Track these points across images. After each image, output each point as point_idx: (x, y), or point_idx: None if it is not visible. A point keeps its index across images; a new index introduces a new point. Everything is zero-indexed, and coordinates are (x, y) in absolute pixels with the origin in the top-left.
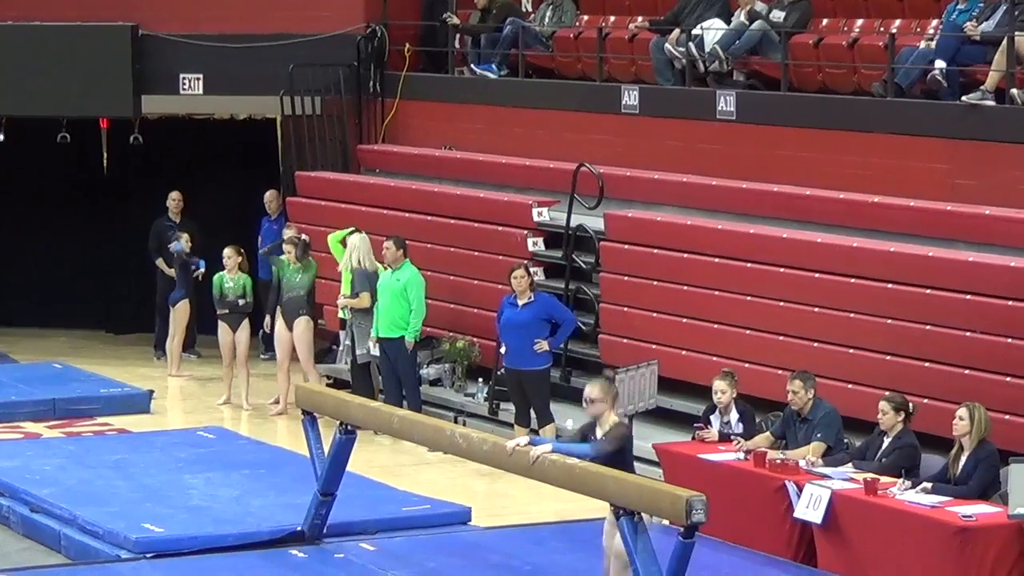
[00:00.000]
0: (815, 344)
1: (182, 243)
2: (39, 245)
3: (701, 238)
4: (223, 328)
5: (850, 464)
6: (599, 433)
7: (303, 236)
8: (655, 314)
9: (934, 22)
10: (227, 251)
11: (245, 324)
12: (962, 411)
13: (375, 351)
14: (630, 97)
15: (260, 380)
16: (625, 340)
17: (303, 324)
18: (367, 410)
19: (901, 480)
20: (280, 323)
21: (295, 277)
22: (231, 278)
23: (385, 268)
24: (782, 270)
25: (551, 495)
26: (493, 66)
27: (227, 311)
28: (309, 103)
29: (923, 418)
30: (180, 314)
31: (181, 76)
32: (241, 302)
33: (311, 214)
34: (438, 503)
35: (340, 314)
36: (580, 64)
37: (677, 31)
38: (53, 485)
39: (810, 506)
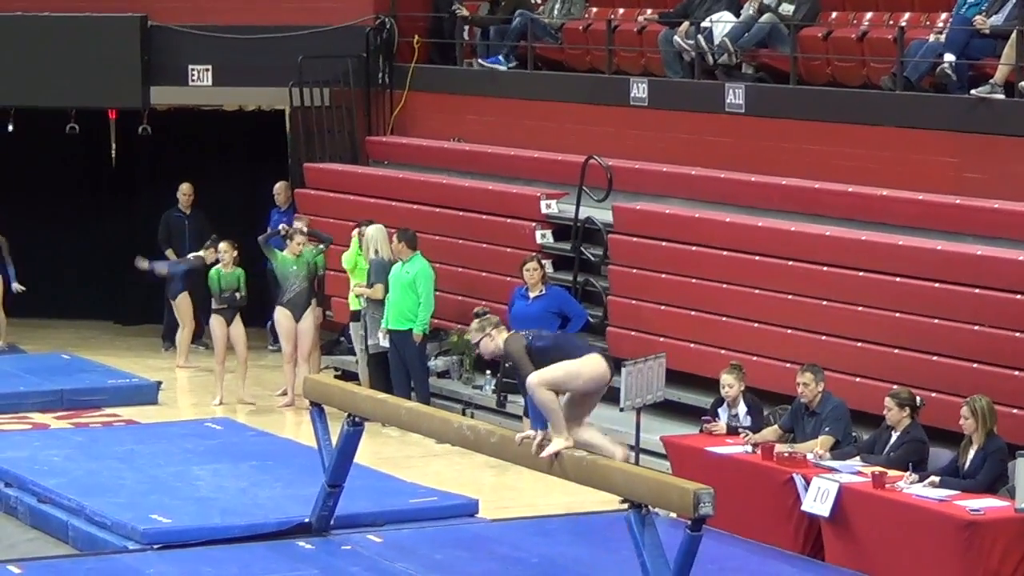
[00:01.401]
0: (823, 337)
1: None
2: (47, 236)
3: (709, 231)
4: (218, 322)
5: (858, 458)
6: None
7: (303, 228)
8: (663, 307)
9: (943, 15)
10: (223, 245)
11: (238, 319)
12: (964, 410)
13: (384, 342)
14: (639, 90)
15: (268, 372)
16: (633, 333)
17: (310, 317)
18: (375, 402)
19: (909, 473)
20: (287, 315)
21: (291, 270)
22: (226, 272)
23: (395, 260)
24: (790, 263)
25: (558, 487)
26: (502, 58)
27: (224, 305)
28: (318, 95)
29: (931, 412)
30: (183, 307)
31: (190, 67)
32: (237, 296)
33: (320, 206)
34: (445, 495)
35: (353, 304)
36: (589, 56)
37: (686, 23)
38: (61, 476)
39: (818, 499)
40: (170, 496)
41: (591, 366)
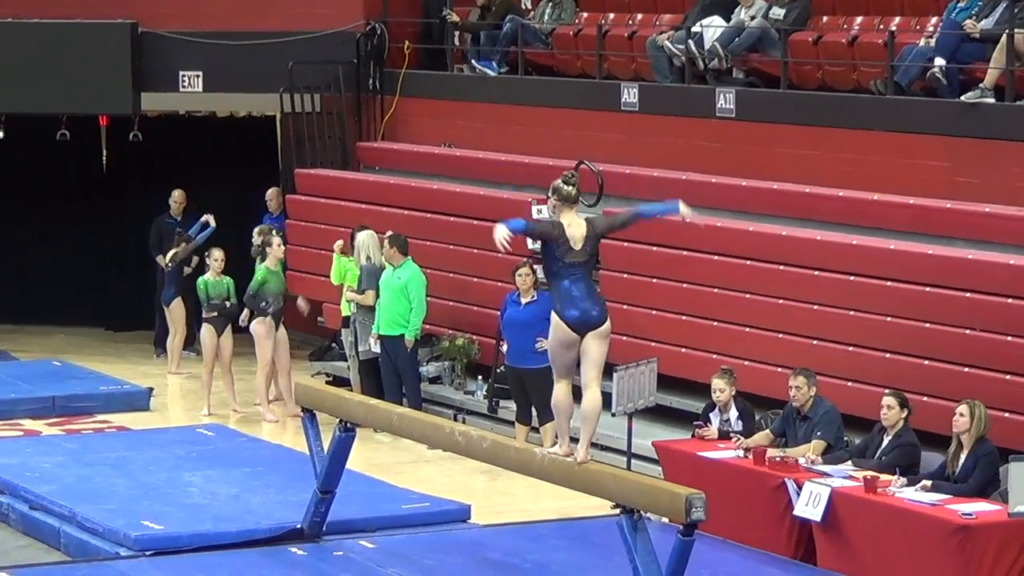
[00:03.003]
0: (814, 342)
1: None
2: (38, 242)
3: (700, 236)
4: (208, 331)
5: (850, 462)
6: None
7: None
8: (654, 312)
9: (933, 20)
10: (217, 253)
11: (229, 328)
12: (962, 408)
13: (375, 348)
14: (630, 95)
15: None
16: (624, 338)
17: (283, 328)
18: (367, 407)
19: (896, 476)
20: (269, 326)
21: (277, 283)
22: (215, 281)
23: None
24: (781, 268)
25: (550, 492)
26: (493, 63)
27: (215, 314)
28: (309, 100)
29: (922, 416)
30: (176, 313)
31: (181, 73)
32: (227, 304)
33: (311, 212)
34: (437, 501)
35: (344, 310)
36: (580, 61)
37: (671, 29)
38: (52, 482)
39: (810, 504)
40: (162, 502)
41: (552, 333)
